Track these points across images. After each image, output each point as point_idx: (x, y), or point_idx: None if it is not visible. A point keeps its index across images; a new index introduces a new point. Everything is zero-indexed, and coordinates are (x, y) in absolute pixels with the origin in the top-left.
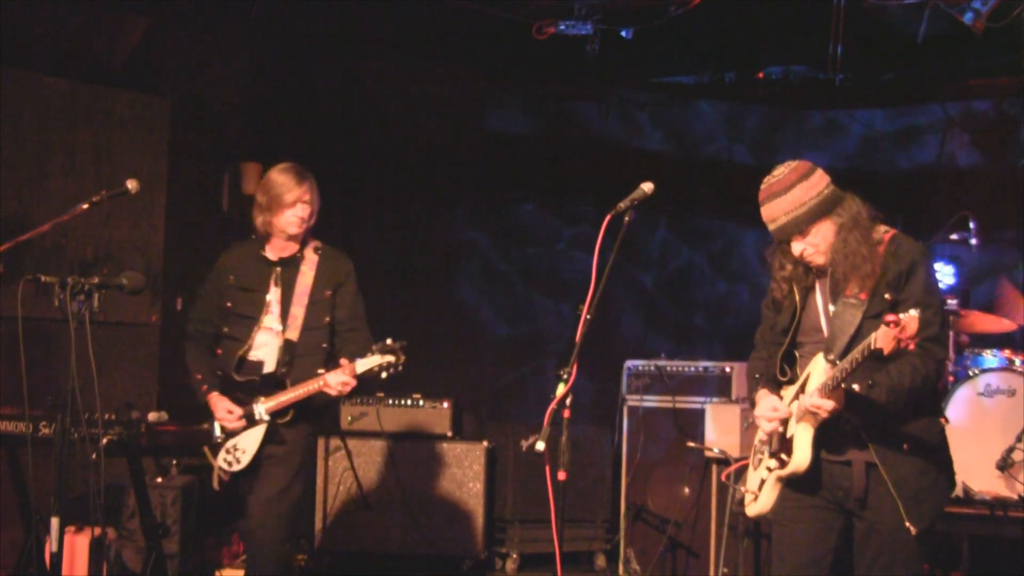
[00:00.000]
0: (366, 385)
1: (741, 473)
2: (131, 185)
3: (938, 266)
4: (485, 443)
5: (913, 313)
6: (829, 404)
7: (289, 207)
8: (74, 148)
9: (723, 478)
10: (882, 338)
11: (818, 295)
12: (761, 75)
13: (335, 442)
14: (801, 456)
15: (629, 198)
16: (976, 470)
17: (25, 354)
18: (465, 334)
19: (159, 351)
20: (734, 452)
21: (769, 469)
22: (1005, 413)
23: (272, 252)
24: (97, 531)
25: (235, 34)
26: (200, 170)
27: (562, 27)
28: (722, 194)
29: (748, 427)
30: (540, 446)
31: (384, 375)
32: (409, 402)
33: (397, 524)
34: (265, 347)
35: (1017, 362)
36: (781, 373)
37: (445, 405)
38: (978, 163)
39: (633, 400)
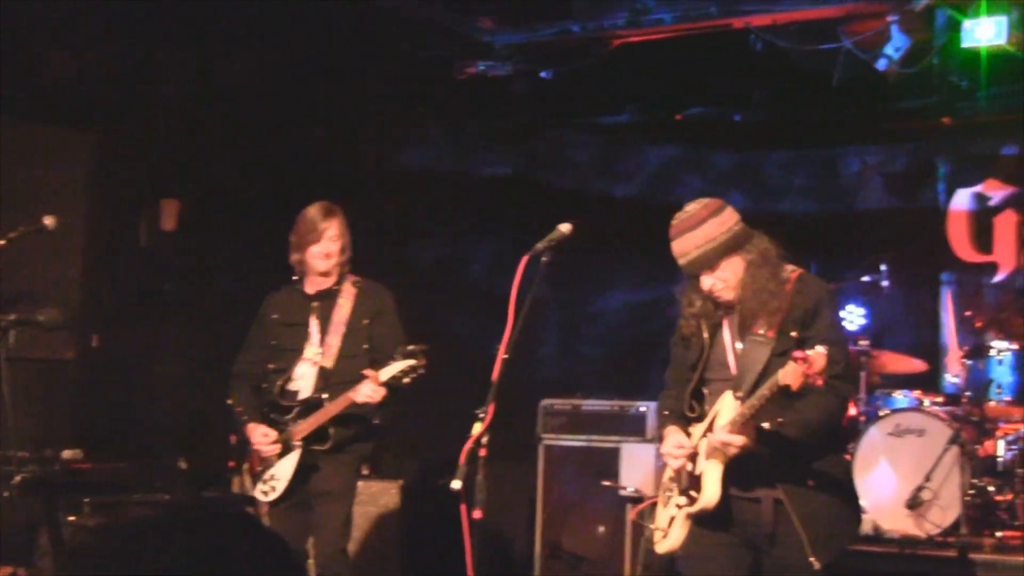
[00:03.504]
0: (398, 394)
1: (652, 510)
2: (48, 221)
3: (850, 307)
4: (401, 481)
5: (820, 349)
6: (738, 440)
7: (315, 244)
8: None
9: (633, 516)
10: (790, 375)
11: (726, 332)
12: (680, 116)
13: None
14: (710, 493)
15: (547, 239)
16: (886, 509)
17: None
18: None
19: (76, 388)
20: (649, 491)
21: (679, 506)
22: (915, 453)
23: (311, 287)
24: (8, 570)
25: (158, 69)
26: (120, 206)
27: (482, 67)
28: (639, 233)
29: (663, 466)
30: (456, 485)
31: (407, 380)
32: None
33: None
34: (303, 378)
35: (927, 402)
36: (690, 409)
37: None
38: (892, 205)
39: (549, 439)
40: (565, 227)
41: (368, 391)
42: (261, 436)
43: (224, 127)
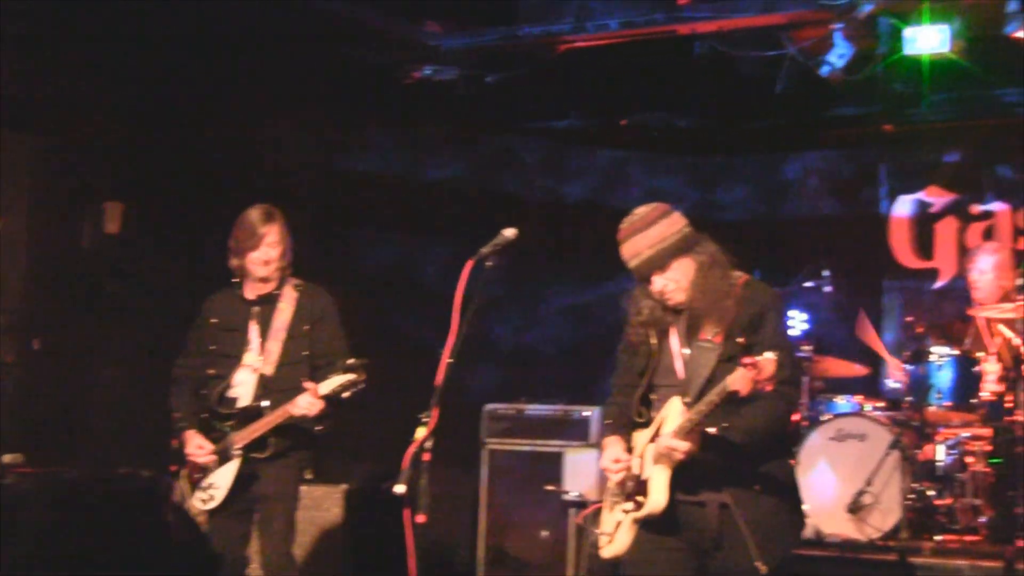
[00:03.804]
0: (337, 407)
1: (597, 515)
2: None
3: (792, 313)
4: (345, 486)
5: (770, 355)
6: (685, 446)
7: (254, 250)
8: None
9: (579, 520)
10: (738, 380)
11: (673, 338)
12: (624, 122)
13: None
14: (657, 498)
15: (491, 244)
16: (828, 513)
17: None
18: None
19: (17, 391)
20: (592, 495)
21: (625, 511)
22: (856, 457)
23: (250, 292)
24: None
25: (100, 72)
26: (62, 208)
27: (427, 71)
28: (587, 238)
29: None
30: (400, 489)
31: (347, 394)
32: None
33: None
34: (242, 384)
35: (868, 407)
36: (637, 415)
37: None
38: (834, 211)
39: (492, 443)
40: (509, 232)
41: (305, 404)
42: (196, 448)
43: (168, 130)
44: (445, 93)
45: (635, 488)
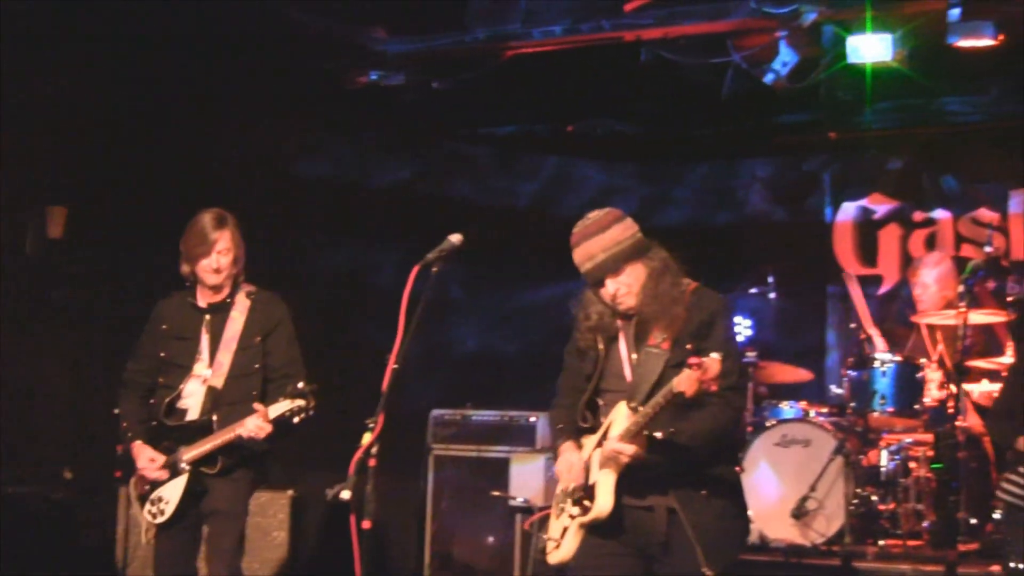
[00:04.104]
0: (285, 431)
1: (545, 521)
2: None
3: (737, 319)
4: (291, 492)
5: (715, 356)
6: (631, 449)
7: (205, 257)
8: None
9: (526, 526)
10: (684, 381)
11: (622, 344)
12: (571, 128)
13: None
14: (603, 502)
15: (437, 249)
16: (772, 518)
17: None
18: None
19: None
20: (538, 501)
21: (572, 516)
22: (801, 463)
23: (202, 299)
24: None
25: (40, 76)
26: (5, 213)
27: (374, 77)
28: (535, 244)
29: (552, 476)
30: (346, 495)
31: (296, 420)
32: None
33: None
34: (192, 396)
35: (812, 413)
36: (583, 420)
37: None
38: (779, 218)
39: (439, 449)
40: (455, 237)
41: (254, 427)
42: (147, 461)
43: (113, 133)
44: (392, 98)
45: (582, 493)
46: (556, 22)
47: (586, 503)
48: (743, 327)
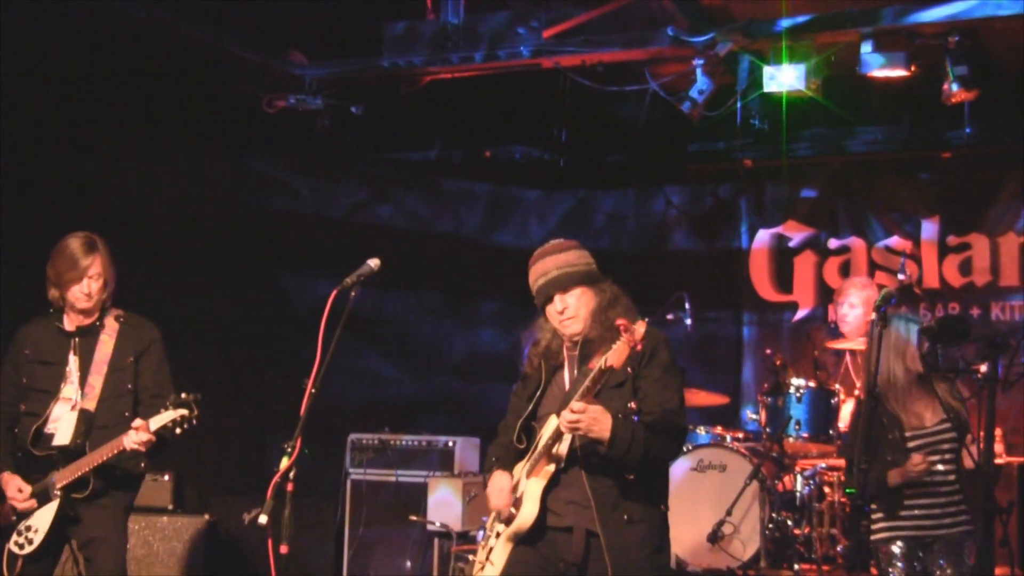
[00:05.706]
0: (167, 443)
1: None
2: None
3: None
4: (207, 516)
5: (641, 320)
6: (580, 406)
7: (75, 283)
8: None
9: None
10: (613, 355)
11: (566, 372)
12: (488, 154)
13: None
14: (528, 510)
15: (356, 273)
16: (689, 543)
17: None
18: None
19: None
20: (456, 526)
21: (498, 534)
22: (717, 487)
23: (69, 323)
24: None
25: None
26: None
27: (292, 101)
28: (451, 269)
29: (472, 500)
30: (263, 519)
31: (179, 430)
32: None
33: None
34: (61, 420)
35: (728, 439)
36: (519, 441)
37: (166, 477)
38: (696, 245)
39: (356, 473)
40: (373, 262)
41: (135, 441)
42: (16, 491)
43: (30, 161)
44: (310, 122)
45: (510, 512)
46: (475, 48)
47: (513, 510)
48: None
